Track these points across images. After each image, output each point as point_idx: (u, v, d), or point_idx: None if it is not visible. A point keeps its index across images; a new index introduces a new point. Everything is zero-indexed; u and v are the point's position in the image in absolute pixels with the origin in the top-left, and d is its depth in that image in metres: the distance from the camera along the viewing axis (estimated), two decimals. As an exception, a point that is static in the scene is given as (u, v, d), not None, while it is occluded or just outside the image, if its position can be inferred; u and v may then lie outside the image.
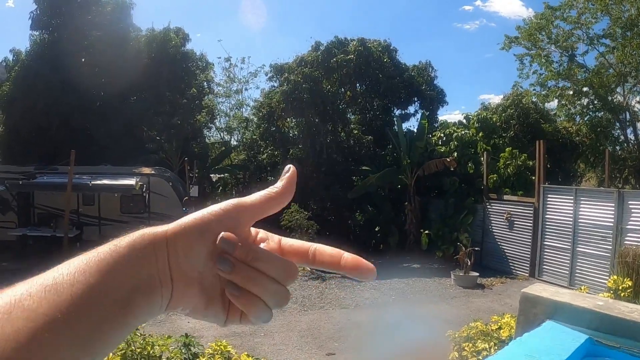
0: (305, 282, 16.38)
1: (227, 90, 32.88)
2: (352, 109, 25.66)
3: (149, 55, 26.25)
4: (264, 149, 25.63)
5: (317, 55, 23.88)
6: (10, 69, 27.45)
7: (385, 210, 21.93)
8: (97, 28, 25.80)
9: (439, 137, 21.98)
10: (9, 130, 26.19)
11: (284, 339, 10.69)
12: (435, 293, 14.76)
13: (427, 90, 25.50)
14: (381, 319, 11.96)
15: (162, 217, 20.73)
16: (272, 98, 23.73)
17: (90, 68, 25.49)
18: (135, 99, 26.73)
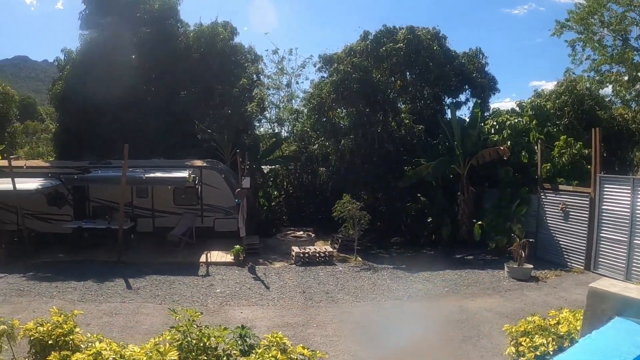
0: (357, 273, 16.83)
1: (276, 82, 33.34)
2: (403, 98, 25.63)
3: (198, 50, 26.97)
4: (315, 140, 25.93)
5: (366, 44, 24.08)
6: (63, 68, 28.58)
7: (437, 200, 22.02)
8: (145, 25, 26.68)
9: (491, 125, 21.92)
10: (64, 127, 27.35)
11: (336, 330, 10.98)
12: (488, 285, 14.84)
13: (478, 77, 25.36)
14: (434, 311, 12.21)
15: (215, 209, 21.58)
16: (322, 89, 23.92)
17: (140, 64, 26.44)
18: (186, 93, 27.52)
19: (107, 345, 5.30)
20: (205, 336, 5.52)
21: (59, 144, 29.17)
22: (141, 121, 25.26)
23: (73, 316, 6.77)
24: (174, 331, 5.57)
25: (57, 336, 6.29)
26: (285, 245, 20.70)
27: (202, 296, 13.93)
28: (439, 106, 25.18)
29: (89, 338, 6.23)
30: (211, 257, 18.12)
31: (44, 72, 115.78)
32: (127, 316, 12.04)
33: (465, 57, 25.99)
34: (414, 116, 23.97)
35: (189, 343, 5.46)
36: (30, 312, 12.16)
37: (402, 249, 21.32)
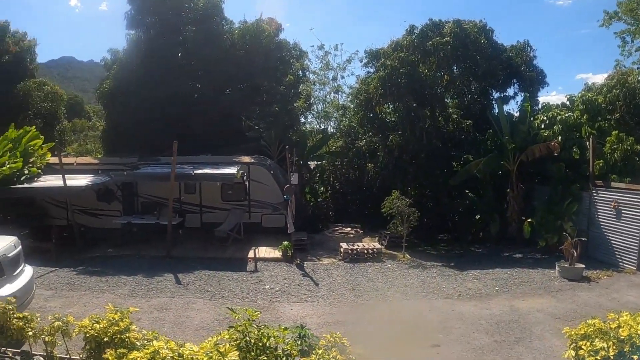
0: (406, 270, 16.88)
1: (322, 78, 33.56)
2: (450, 93, 25.54)
3: (243, 47, 27.40)
4: (362, 136, 25.91)
5: (412, 39, 24.00)
6: (110, 67, 29.36)
7: (486, 197, 21.96)
8: (190, 23, 27.28)
9: (541, 120, 21.58)
10: (112, 124, 28.11)
11: (387, 329, 10.98)
12: (539, 285, 14.75)
13: (526, 71, 24.99)
14: (485, 311, 12.18)
15: (262, 205, 21.93)
16: (369, 84, 23.95)
17: (186, 62, 27.04)
18: (232, 90, 27.97)
19: (164, 343, 5.40)
20: (264, 336, 5.53)
21: (107, 141, 30.04)
22: (189, 118, 25.78)
23: (129, 313, 6.95)
24: (233, 330, 5.60)
25: (113, 334, 6.47)
26: (333, 241, 20.95)
27: (251, 292, 14.16)
28: (486, 101, 24.91)
29: (145, 335, 6.42)
30: (259, 253, 18.50)
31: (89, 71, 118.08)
32: (177, 311, 12.32)
33: (513, 50, 25.58)
34: (461, 111, 23.86)
35: (248, 343, 5.50)
36: (81, 306, 12.58)
37: (449, 246, 21.32)
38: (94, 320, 6.74)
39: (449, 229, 23.41)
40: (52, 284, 14.71)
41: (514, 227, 20.95)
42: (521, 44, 25.71)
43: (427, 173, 22.55)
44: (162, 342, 5.42)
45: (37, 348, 7.71)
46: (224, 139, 25.71)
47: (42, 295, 13.31)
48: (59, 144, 27.76)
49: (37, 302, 12.11)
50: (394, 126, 23.76)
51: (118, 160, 23.56)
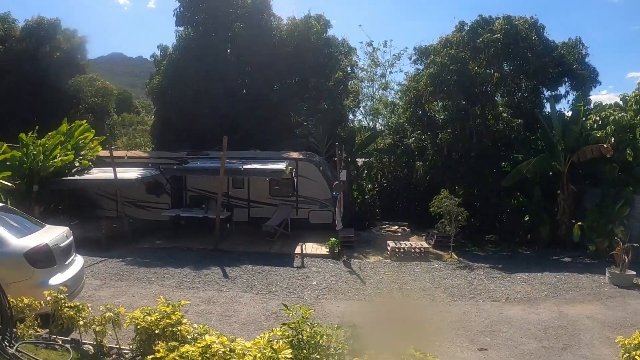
0: (453, 270, 16.91)
1: (371, 75, 33.61)
2: (500, 91, 25.32)
3: (292, 43, 27.75)
4: (410, 133, 25.84)
5: (462, 35, 23.93)
6: (159, 63, 30.04)
7: (536, 198, 21.73)
8: (239, 20, 27.74)
9: (594, 120, 21.25)
10: (161, 119, 28.76)
11: (434, 330, 10.95)
12: (588, 291, 14.58)
13: (578, 69, 24.67)
14: (534, 316, 12.16)
15: (310, 201, 22.19)
16: (419, 81, 23.98)
17: (235, 58, 27.54)
18: (280, 86, 28.33)
19: (215, 338, 5.46)
20: (317, 334, 5.52)
21: (156, 135, 30.77)
22: (238, 114, 26.25)
23: (180, 306, 7.12)
24: (285, 327, 5.61)
25: (165, 326, 6.63)
26: (380, 239, 21.05)
27: (298, 288, 14.34)
28: (537, 99, 24.69)
29: (196, 329, 6.59)
30: (306, 249, 18.73)
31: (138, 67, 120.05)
32: (224, 305, 12.53)
33: (565, 47, 25.25)
34: (511, 110, 23.64)
35: (300, 340, 5.48)
36: (129, 297, 12.95)
37: (497, 247, 21.26)
38: (145, 312, 6.95)
39: (496, 230, 23.35)
40: (101, 274, 15.14)
41: (564, 230, 20.70)
42: (573, 41, 25.35)
43: (476, 172, 22.42)
44: (213, 337, 5.53)
45: (87, 337, 8.02)
46: (273, 134, 26.11)
47: (92, 284, 13.67)
48: (109, 137, 28.46)
49: (87, 291, 12.46)
50: (443, 124, 23.70)
51: (167, 154, 24.14)
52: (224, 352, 5.27)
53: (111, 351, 7.73)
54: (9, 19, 36.31)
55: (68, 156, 19.91)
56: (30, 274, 9.38)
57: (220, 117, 25.92)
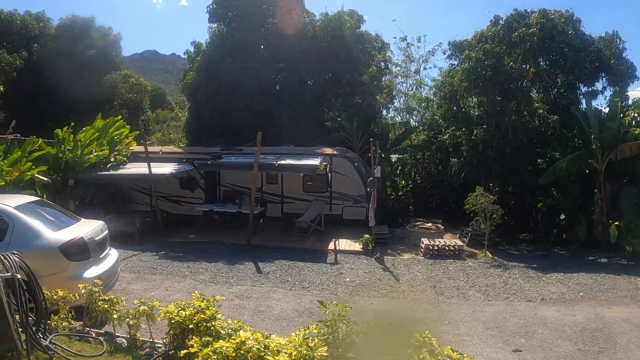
0: (488, 269, 16.74)
1: (405, 70, 33.42)
2: (536, 87, 25.00)
3: (325, 39, 27.78)
4: (445, 130, 25.69)
5: (497, 30, 23.70)
6: (193, 60, 30.36)
7: (572, 197, 21.37)
8: (272, 16, 27.90)
9: (632, 117, 20.88)
10: (195, 115, 29.03)
11: (468, 330, 10.97)
12: (625, 293, 14.27)
13: (615, 64, 23.98)
14: (569, 317, 11.98)
15: (344, 197, 22.20)
16: (453, 77, 23.84)
17: (268, 54, 27.70)
18: (314, 82, 28.37)
19: (250, 334, 5.55)
20: (353, 332, 5.52)
21: (189, 131, 31.06)
22: (271, 109, 26.38)
23: (214, 302, 7.17)
24: (321, 325, 5.64)
25: (199, 321, 6.69)
26: (414, 236, 21.00)
27: (331, 284, 14.34)
28: (573, 95, 24.30)
29: (230, 324, 6.56)
30: (339, 245, 18.76)
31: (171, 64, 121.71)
32: (257, 300, 12.58)
33: (601, 42, 24.57)
34: (547, 106, 23.31)
35: (336, 338, 5.48)
36: (163, 290, 13.09)
37: (531, 246, 20.99)
38: (179, 306, 7.02)
39: (531, 229, 23.09)
40: (135, 268, 15.32)
41: (600, 230, 20.34)
42: (610, 36, 24.75)
43: (511, 170, 22.17)
44: (248, 333, 5.60)
45: (121, 330, 8.14)
46: (306, 130, 26.11)
47: (126, 277, 13.83)
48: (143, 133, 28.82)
49: (121, 285, 12.64)
50: (479, 120, 23.52)
51: (201, 150, 24.37)
52: (258, 349, 5.33)
53: (144, 345, 7.83)
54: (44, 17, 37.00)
55: (103, 151, 20.26)
56: (65, 266, 9.58)
57: (254, 113, 26.04)
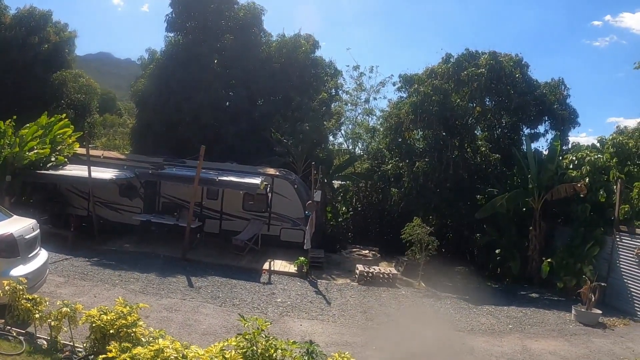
0: (420, 298, 16.84)
1: (354, 99, 33.65)
2: (481, 125, 25.51)
3: (279, 60, 27.81)
4: (389, 160, 25.91)
5: (447, 67, 24.18)
6: (146, 67, 29.91)
7: (508, 233, 21.72)
8: (229, 32, 27.79)
9: (570, 160, 21.35)
10: (143, 122, 28.55)
11: (394, 356, 10.93)
12: (553, 327, 14.53)
13: (558, 109, 24.83)
14: (497, 348, 12.06)
15: (283, 218, 22.01)
16: (401, 109, 24.07)
17: (221, 69, 27.49)
18: (264, 102, 28.28)
19: (170, 342, 5.47)
20: (272, 347, 5.55)
21: (135, 138, 30.52)
22: (219, 125, 26.16)
23: (137, 309, 7.10)
24: (240, 338, 5.63)
25: (120, 327, 6.61)
26: (350, 262, 20.90)
27: (262, 303, 14.17)
28: (516, 136, 24.92)
29: (151, 333, 6.51)
30: (274, 265, 18.40)
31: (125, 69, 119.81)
32: (186, 314, 12.35)
33: (547, 87, 25.43)
34: (490, 144, 23.78)
35: (255, 352, 5.52)
36: (91, 297, 12.67)
37: (466, 279, 21.00)
38: (102, 311, 6.90)
39: (467, 262, 23.28)
40: (65, 272, 14.82)
41: (534, 266, 20.70)
42: (555, 82, 25.53)
43: (450, 203, 22.46)
44: (167, 341, 5.49)
45: (42, 332, 7.91)
46: (252, 149, 25.98)
47: (54, 281, 13.38)
48: (89, 136, 28.14)
49: (48, 288, 12.20)
50: (422, 153, 23.81)
51: (144, 159, 23.86)
52: (176, 357, 5.26)
53: (65, 348, 7.68)
54: (1, 5, 35.92)
55: (44, 150, 19.66)
56: (-8, 262, 9.15)
57: (202, 127, 25.77)
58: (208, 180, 20.69)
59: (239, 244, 20.45)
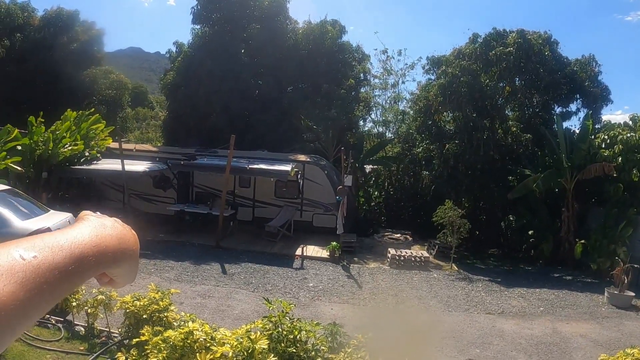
0: (452, 281, 16.80)
1: (383, 83, 33.53)
2: (511, 105, 25.27)
3: (306, 47, 27.78)
4: (419, 143, 25.87)
5: (475, 47, 23.93)
6: (174, 60, 30.19)
7: (541, 214, 21.57)
8: (255, 21, 27.87)
9: (602, 139, 21.13)
10: (173, 115, 28.87)
11: (424, 338, 10.83)
12: (585, 309, 14.41)
13: (590, 86, 24.46)
14: (527, 331, 12.04)
15: (314, 204, 22.12)
16: (429, 91, 23.97)
17: (249, 59, 27.60)
18: (292, 89, 28.37)
19: (199, 325, 5.62)
20: (296, 329, 5.76)
21: (167, 131, 30.86)
22: (249, 114, 26.37)
23: (169, 294, 7.32)
24: (266, 320, 5.83)
25: (152, 312, 6.84)
26: (382, 246, 20.94)
27: (294, 288, 14.34)
28: (548, 115, 24.56)
29: (182, 317, 6.68)
30: (307, 251, 18.58)
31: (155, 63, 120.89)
32: (219, 300, 12.59)
33: (578, 64, 25.06)
34: (521, 124, 23.53)
35: (280, 334, 5.72)
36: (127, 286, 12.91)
37: (498, 261, 21.10)
38: (135, 297, 7.17)
39: (500, 244, 23.21)
40: (102, 262, 15.17)
41: (567, 248, 20.49)
42: (586, 58, 25.16)
43: (482, 185, 22.35)
44: (197, 324, 5.63)
45: (80, 319, 8.17)
46: (283, 136, 26.10)
47: (91, 272, 13.75)
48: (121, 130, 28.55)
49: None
50: (452, 135, 23.68)
51: (176, 150, 24.16)
52: (205, 340, 5.37)
53: (101, 334, 8.07)
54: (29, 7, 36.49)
55: (78, 146, 20.02)
56: (31, 255, 9.44)
57: (232, 117, 25.96)
58: (239, 169, 20.84)
59: (272, 231, 20.61)
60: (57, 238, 0.86)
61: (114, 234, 1.00)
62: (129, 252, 1.04)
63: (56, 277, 0.80)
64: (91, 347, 7.69)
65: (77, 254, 0.86)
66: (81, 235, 0.91)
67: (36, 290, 0.76)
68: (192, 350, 5.30)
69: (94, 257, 0.90)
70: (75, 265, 0.84)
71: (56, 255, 0.82)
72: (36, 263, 0.78)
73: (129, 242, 1.05)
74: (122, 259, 1.01)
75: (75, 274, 0.85)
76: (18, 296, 0.73)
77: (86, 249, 0.89)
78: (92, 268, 0.90)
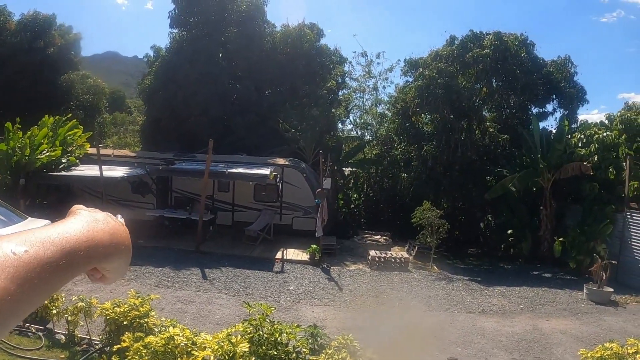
0: (432, 282, 16.83)
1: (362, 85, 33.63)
2: (488, 106, 25.37)
3: (284, 50, 27.81)
4: (397, 145, 25.98)
5: (452, 49, 24.07)
6: (152, 64, 30.04)
7: (519, 214, 21.72)
8: (233, 25, 27.81)
9: (578, 138, 21.23)
10: (151, 119, 28.69)
11: (404, 338, 10.92)
12: (565, 306, 14.54)
13: (566, 87, 24.71)
14: (507, 328, 12.11)
15: (294, 207, 22.12)
16: (407, 93, 24.05)
17: (227, 62, 27.54)
18: (271, 92, 28.35)
19: (180, 330, 5.63)
20: (277, 331, 5.80)
21: (145, 136, 30.71)
22: (227, 118, 26.25)
23: (149, 300, 7.29)
24: (247, 324, 5.86)
25: (132, 318, 6.81)
26: (362, 248, 20.97)
27: (275, 292, 14.30)
28: (524, 116, 24.71)
29: (163, 322, 6.67)
30: (287, 254, 18.60)
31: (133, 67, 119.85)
32: (200, 305, 12.54)
33: (554, 65, 25.29)
34: (499, 125, 23.72)
35: (261, 337, 5.76)
36: (107, 293, 12.69)
37: (478, 260, 21.19)
38: (115, 303, 7.14)
39: (479, 243, 23.33)
40: (81, 270, 15.03)
41: (546, 246, 20.70)
42: (562, 59, 25.41)
43: (460, 185, 22.43)
44: (178, 330, 5.64)
45: (60, 327, 8.09)
46: (262, 140, 26.02)
47: (71, 279, 13.62)
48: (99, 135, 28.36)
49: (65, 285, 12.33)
50: (430, 136, 23.78)
51: (155, 155, 23.98)
52: (186, 344, 5.39)
53: (82, 341, 8.02)
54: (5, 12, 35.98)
55: (55, 152, 19.85)
56: (8, 263, 9.32)
57: (210, 120, 25.85)
58: (218, 173, 20.79)
59: (252, 235, 20.53)
60: (48, 232, 0.87)
61: (106, 228, 1.01)
62: (121, 247, 1.03)
63: (48, 272, 0.82)
64: (72, 355, 7.64)
65: (69, 248, 0.87)
66: (73, 229, 0.92)
67: (28, 285, 0.78)
68: (174, 355, 5.31)
69: (85, 251, 0.91)
70: (66, 260, 0.86)
71: (47, 250, 0.83)
72: (27, 258, 0.80)
73: (121, 237, 1.04)
74: (114, 254, 1.01)
75: (66, 268, 0.86)
76: (9, 291, 0.75)
77: (78, 244, 0.90)
78: (83, 263, 0.92)
